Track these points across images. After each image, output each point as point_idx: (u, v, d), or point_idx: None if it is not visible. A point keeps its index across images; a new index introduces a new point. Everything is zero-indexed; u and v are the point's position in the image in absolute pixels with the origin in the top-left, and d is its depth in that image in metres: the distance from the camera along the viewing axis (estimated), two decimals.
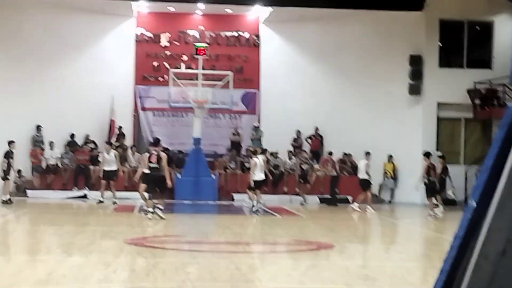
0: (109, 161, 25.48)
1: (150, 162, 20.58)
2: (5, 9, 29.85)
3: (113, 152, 25.80)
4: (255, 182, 23.25)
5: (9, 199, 24.70)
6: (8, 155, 24.90)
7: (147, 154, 21.32)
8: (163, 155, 20.68)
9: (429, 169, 23.45)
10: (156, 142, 21.88)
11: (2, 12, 30.01)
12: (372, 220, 23.99)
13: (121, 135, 30.70)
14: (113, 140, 29.87)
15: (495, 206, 3.56)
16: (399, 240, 19.29)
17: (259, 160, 23.48)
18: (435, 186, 23.74)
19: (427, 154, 24.05)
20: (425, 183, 23.84)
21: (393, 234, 20.60)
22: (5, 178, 24.83)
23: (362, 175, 26.09)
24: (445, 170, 25.20)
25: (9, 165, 24.83)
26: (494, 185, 3.61)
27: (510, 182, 3.54)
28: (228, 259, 13.14)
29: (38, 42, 30.63)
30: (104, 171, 25.63)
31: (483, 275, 3.51)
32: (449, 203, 29.36)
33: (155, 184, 20.51)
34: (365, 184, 26.06)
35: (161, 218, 19.98)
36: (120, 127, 30.83)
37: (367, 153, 26.58)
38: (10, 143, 25.00)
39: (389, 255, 15.61)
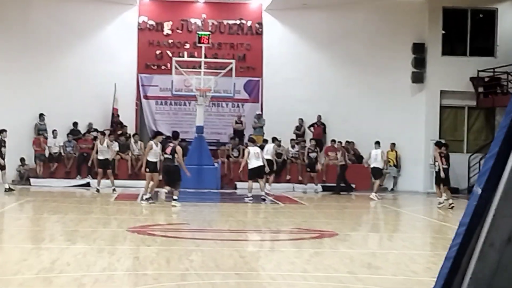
0: (102, 150, 25.38)
1: (165, 153, 21.45)
2: None
3: (106, 142, 25.68)
4: (251, 170, 23.39)
5: (9, 188, 24.63)
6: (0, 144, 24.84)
7: (154, 144, 22.16)
8: (179, 149, 21.37)
9: (440, 158, 23.38)
10: (176, 136, 22.33)
11: (5, 1, 29.96)
12: (375, 208, 23.99)
13: (119, 123, 30.62)
14: (108, 128, 29.84)
15: (501, 193, 3.56)
16: (402, 228, 19.30)
17: (253, 149, 23.70)
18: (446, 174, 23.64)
19: (438, 143, 24.08)
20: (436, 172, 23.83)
21: (396, 222, 20.61)
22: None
23: (376, 163, 26.22)
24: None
25: (0, 154, 24.74)
26: (499, 172, 3.61)
27: None
28: (231, 247, 13.17)
29: (41, 30, 30.61)
30: (99, 160, 25.52)
31: (489, 262, 3.52)
32: (452, 191, 29.40)
33: (169, 175, 21.36)
34: (378, 173, 26.26)
35: (174, 206, 20.70)
36: (118, 115, 30.73)
37: (377, 142, 26.66)
38: (1, 131, 24.93)
39: (392, 243, 15.62)
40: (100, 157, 25.47)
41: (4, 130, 25.01)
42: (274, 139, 28.49)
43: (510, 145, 3.59)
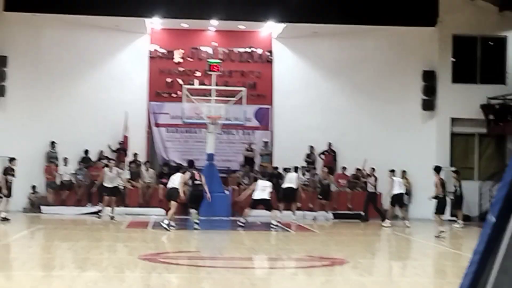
0: (111, 177, 25.76)
1: (195, 179, 22.69)
2: (22, 27, 30.04)
3: (115, 169, 26.04)
4: (254, 200, 23.75)
5: (5, 217, 24.14)
6: (6, 171, 24.79)
7: (188, 174, 23.08)
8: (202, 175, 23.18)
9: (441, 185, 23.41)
10: (191, 164, 24.21)
11: (19, 30, 30.20)
12: (387, 236, 23.93)
13: (123, 150, 30.64)
14: (112, 156, 30.10)
15: None
16: (414, 255, 19.24)
17: (262, 182, 24.08)
18: (445, 202, 23.72)
19: (437, 169, 23.97)
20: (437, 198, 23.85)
21: (407, 250, 20.54)
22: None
23: (396, 190, 26.58)
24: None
25: (6, 182, 24.65)
26: None
27: None
28: (242, 275, 13.15)
29: (53, 59, 30.81)
30: (108, 187, 25.80)
31: None
32: (463, 219, 29.32)
33: (199, 200, 22.71)
34: (399, 200, 26.91)
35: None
36: (122, 142, 30.78)
37: (392, 171, 27.42)
38: (11, 160, 24.99)
39: (404, 271, 15.57)
40: (109, 185, 25.51)
41: (14, 159, 25.06)
42: (297, 168, 28.69)
43: None
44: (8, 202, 24.82)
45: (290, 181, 27.12)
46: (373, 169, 28.72)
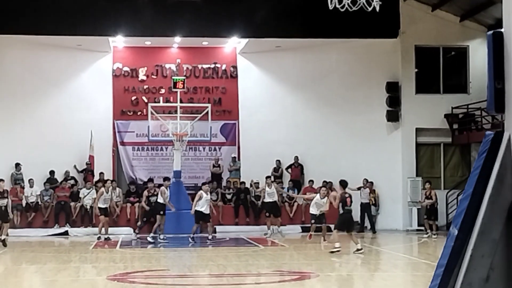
0: (106, 198, 25.64)
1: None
2: None
3: (111, 190, 26.18)
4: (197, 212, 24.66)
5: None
6: None
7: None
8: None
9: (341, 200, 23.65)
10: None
11: None
12: (355, 247, 23.94)
13: (90, 171, 30.51)
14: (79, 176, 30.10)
15: (477, 233, 3.60)
16: (383, 267, 19.29)
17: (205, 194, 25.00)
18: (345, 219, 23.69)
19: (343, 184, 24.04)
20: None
21: (376, 261, 20.59)
22: None
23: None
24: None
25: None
26: (475, 213, 3.65)
27: (491, 208, 3.59)
28: None
29: (15, 79, 30.58)
30: (102, 208, 25.57)
31: None
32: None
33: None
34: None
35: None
36: (89, 163, 30.62)
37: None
38: None
39: (374, 283, 15.61)
40: (104, 205, 25.52)
41: (1, 180, 24.47)
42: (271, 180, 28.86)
43: (484, 185, 3.64)
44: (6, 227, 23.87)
45: (271, 195, 27.10)
46: (367, 180, 29.04)
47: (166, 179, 26.58)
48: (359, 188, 29.20)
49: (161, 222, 25.34)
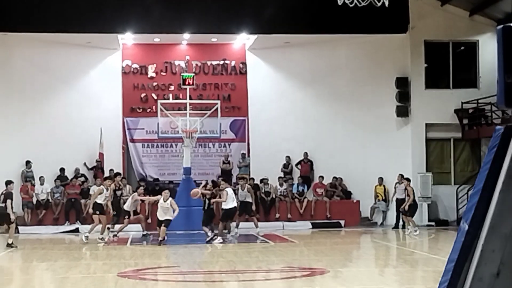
0: (106, 197, 24.32)
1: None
2: None
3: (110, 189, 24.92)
4: (225, 210, 23.96)
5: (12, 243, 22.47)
6: (8, 197, 23.30)
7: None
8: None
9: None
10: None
11: None
12: (365, 243, 23.96)
13: (99, 168, 30.48)
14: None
15: (487, 228, 3.59)
16: (393, 262, 19.27)
17: (230, 190, 24.21)
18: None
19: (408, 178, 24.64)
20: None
21: (386, 257, 20.58)
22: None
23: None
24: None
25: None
26: (485, 207, 3.64)
27: (501, 203, 3.58)
28: None
29: (25, 77, 30.66)
30: (100, 205, 23.89)
31: None
32: (441, 224, 29.47)
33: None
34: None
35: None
36: (99, 161, 30.59)
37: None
38: (9, 183, 23.11)
39: (383, 278, 15.59)
40: (101, 202, 23.93)
41: (11, 182, 23.53)
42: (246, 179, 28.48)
43: (494, 180, 3.63)
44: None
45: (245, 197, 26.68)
46: (402, 176, 28.29)
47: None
48: (395, 185, 28.91)
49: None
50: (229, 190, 24.12)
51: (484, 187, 3.67)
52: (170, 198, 23.32)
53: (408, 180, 27.20)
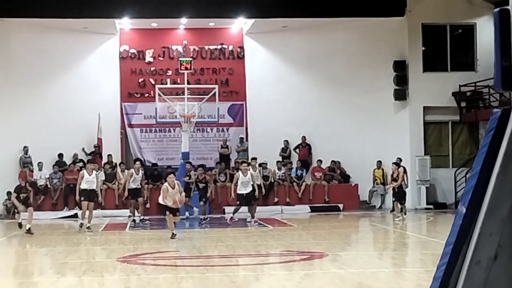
0: (89, 181, 22.63)
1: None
2: None
3: (95, 173, 23.21)
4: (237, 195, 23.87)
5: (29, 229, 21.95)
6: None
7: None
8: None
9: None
10: None
11: None
12: (364, 227, 24.01)
13: (97, 154, 30.46)
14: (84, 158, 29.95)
15: (485, 211, 3.60)
16: (392, 246, 19.32)
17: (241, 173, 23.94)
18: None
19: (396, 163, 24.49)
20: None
21: (385, 240, 20.63)
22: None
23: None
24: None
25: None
26: (483, 190, 3.65)
27: (499, 186, 3.59)
28: (222, 273, 13.15)
29: (22, 62, 30.61)
30: (86, 191, 22.57)
31: (476, 281, 3.55)
32: (439, 207, 29.54)
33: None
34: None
35: None
36: (97, 146, 30.60)
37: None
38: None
39: (382, 262, 15.64)
40: (87, 187, 22.65)
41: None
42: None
43: (492, 163, 3.64)
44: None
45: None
46: (400, 159, 28.25)
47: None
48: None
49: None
50: (241, 175, 23.94)
51: (482, 170, 3.68)
52: (176, 182, 20.35)
53: (399, 166, 25.87)
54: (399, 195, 24.45)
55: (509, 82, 3.65)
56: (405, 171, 28.54)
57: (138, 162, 26.24)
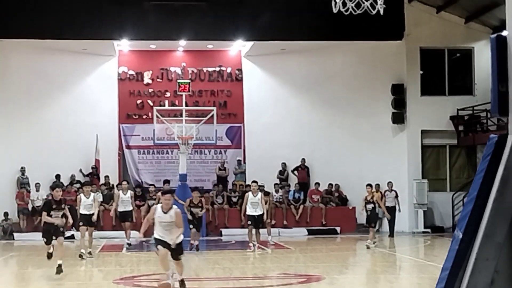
0: (87, 205, 21.73)
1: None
2: None
3: (92, 195, 22.11)
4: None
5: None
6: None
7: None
8: None
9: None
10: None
11: None
12: (361, 250, 23.95)
13: (95, 175, 30.46)
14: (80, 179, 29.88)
15: (481, 237, 3.59)
16: (389, 269, 19.26)
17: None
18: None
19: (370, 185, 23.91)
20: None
21: (382, 264, 20.57)
22: None
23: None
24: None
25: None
26: (479, 216, 3.65)
27: (495, 212, 3.59)
28: None
29: (21, 83, 30.64)
30: (84, 215, 21.67)
31: None
32: (436, 230, 29.49)
33: None
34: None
35: None
36: (95, 167, 30.60)
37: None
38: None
39: (379, 285, 15.59)
40: (86, 212, 21.74)
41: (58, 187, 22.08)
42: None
43: (488, 188, 3.64)
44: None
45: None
46: (392, 184, 29.17)
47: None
48: (384, 192, 28.93)
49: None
50: (251, 195, 22.93)
51: (478, 195, 3.68)
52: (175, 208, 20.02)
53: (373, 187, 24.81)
54: (370, 218, 23.58)
55: (506, 108, 3.67)
56: (396, 195, 28.78)
57: (124, 182, 25.94)
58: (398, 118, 30.89)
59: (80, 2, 28.46)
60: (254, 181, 23.71)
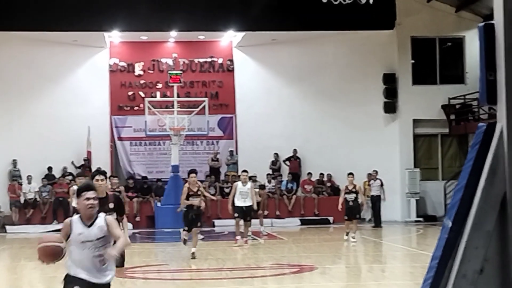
0: None
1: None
2: None
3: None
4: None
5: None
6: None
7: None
8: None
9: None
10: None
11: None
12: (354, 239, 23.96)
13: (87, 167, 30.39)
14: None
15: (471, 225, 3.60)
16: (382, 259, 19.32)
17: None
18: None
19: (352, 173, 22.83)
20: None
21: (375, 253, 20.62)
22: None
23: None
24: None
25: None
26: (468, 204, 3.66)
27: (484, 200, 3.60)
28: (211, 286, 13.12)
29: (12, 75, 30.54)
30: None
31: None
32: (429, 219, 29.56)
33: None
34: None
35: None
36: (87, 159, 30.54)
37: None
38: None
39: (372, 275, 15.63)
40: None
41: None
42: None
43: (477, 177, 3.65)
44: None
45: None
46: (376, 172, 29.02)
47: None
48: (369, 180, 29.00)
49: None
50: (240, 185, 21.95)
51: (467, 184, 3.69)
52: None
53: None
54: (352, 210, 22.16)
55: (494, 96, 3.67)
56: (381, 184, 28.75)
57: (115, 179, 24.53)
58: (390, 107, 30.93)
59: None
60: (244, 171, 22.79)
